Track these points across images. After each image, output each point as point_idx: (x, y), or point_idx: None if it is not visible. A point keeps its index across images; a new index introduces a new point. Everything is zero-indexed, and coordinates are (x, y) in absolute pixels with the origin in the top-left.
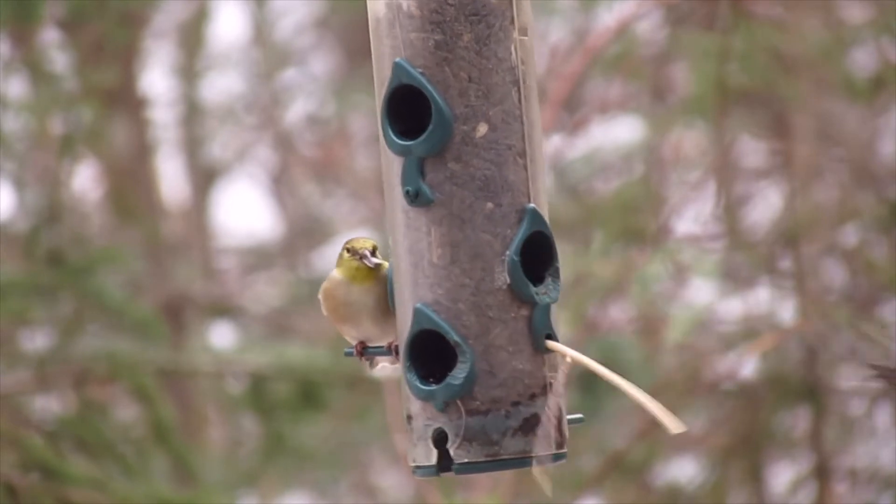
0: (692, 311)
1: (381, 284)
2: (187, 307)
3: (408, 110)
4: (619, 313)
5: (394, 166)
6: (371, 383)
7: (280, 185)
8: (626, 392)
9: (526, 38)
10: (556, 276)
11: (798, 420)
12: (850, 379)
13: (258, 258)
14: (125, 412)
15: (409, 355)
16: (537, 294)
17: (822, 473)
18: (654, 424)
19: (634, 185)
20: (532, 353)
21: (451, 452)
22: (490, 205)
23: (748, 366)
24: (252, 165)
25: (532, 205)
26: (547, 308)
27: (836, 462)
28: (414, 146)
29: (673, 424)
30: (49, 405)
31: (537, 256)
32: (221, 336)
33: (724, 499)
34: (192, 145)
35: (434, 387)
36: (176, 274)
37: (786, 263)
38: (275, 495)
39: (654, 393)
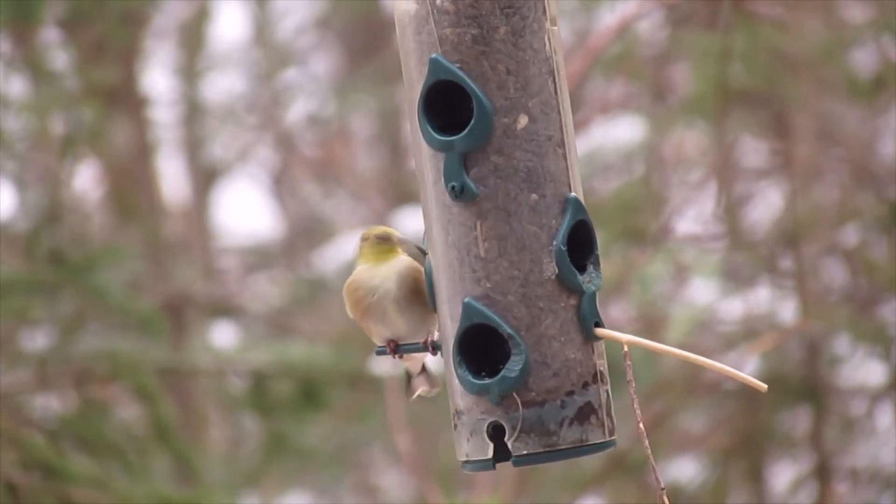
0: (693, 311)
1: (403, 270)
2: (188, 307)
3: (443, 106)
4: (620, 313)
5: (433, 163)
6: (372, 382)
7: (281, 185)
8: (699, 363)
9: (556, 27)
10: (596, 264)
11: (798, 420)
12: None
13: (259, 258)
14: (126, 411)
15: (459, 350)
16: (583, 283)
17: (822, 473)
18: (655, 424)
19: (635, 185)
20: (583, 341)
21: (510, 445)
22: (534, 196)
23: (749, 366)
24: (253, 165)
25: (573, 194)
26: (593, 296)
27: (837, 462)
28: (456, 141)
29: (758, 385)
30: (50, 404)
31: (579, 245)
32: (222, 336)
33: (724, 499)
34: (193, 145)
35: (488, 380)
36: (177, 274)
37: (786, 263)
38: (275, 495)
39: (655, 393)
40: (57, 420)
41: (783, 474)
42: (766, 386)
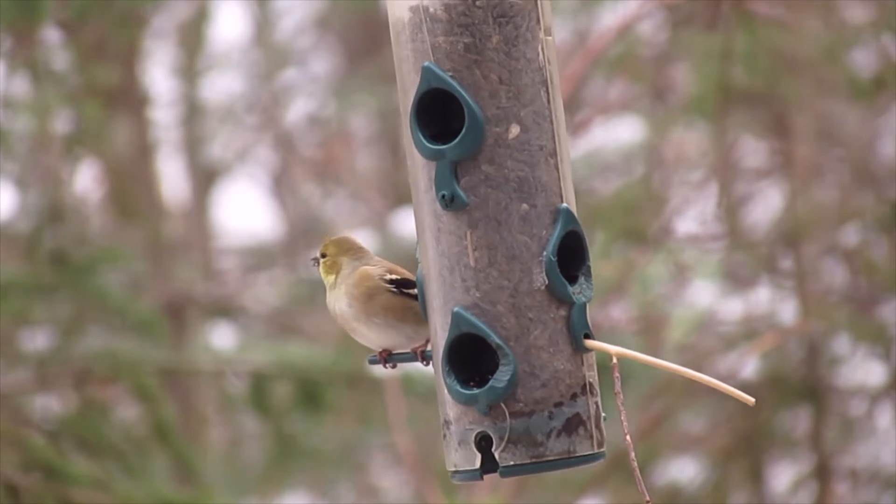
0: (693, 311)
1: (350, 289)
2: (188, 307)
3: (436, 114)
4: (621, 313)
5: (424, 171)
6: (372, 383)
7: (280, 185)
8: (686, 375)
9: (550, 37)
10: (588, 274)
11: (798, 420)
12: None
13: (259, 258)
14: (126, 412)
15: (447, 360)
16: (574, 293)
17: (822, 473)
18: (655, 424)
19: (635, 186)
20: (572, 352)
21: (497, 456)
22: (525, 206)
23: (749, 366)
24: (252, 166)
25: (565, 204)
26: (583, 307)
27: (837, 462)
28: (448, 150)
29: (746, 399)
30: (50, 405)
31: (570, 256)
32: (222, 336)
33: (724, 499)
34: (193, 145)
35: (476, 390)
36: (177, 274)
37: (786, 263)
38: (275, 495)
39: (656, 394)
40: (57, 420)
41: (783, 474)
42: (753, 400)
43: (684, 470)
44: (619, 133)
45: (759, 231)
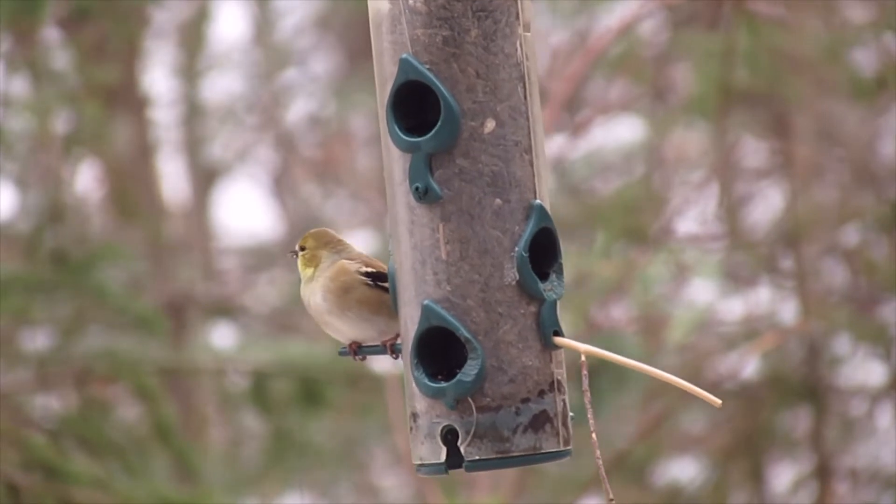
0: (693, 311)
1: (325, 282)
2: (189, 307)
3: (413, 107)
4: (621, 313)
5: (399, 163)
6: (372, 381)
7: (281, 185)
8: (653, 375)
9: (529, 34)
10: (560, 272)
11: (799, 420)
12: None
13: (259, 258)
14: (127, 411)
15: (416, 353)
16: (545, 290)
17: (822, 473)
18: (655, 424)
19: (636, 186)
20: (541, 349)
21: (462, 450)
22: (498, 201)
23: (749, 366)
24: (253, 166)
25: (538, 201)
26: (554, 304)
27: (837, 462)
28: (423, 142)
29: (713, 401)
30: (50, 404)
31: (543, 253)
32: (222, 336)
33: (725, 499)
34: (193, 145)
35: (444, 384)
36: (177, 274)
37: (786, 263)
38: (275, 495)
39: (656, 394)
40: (57, 420)
41: (783, 474)
42: (720, 402)
43: (684, 470)
44: (619, 133)
45: (759, 231)
